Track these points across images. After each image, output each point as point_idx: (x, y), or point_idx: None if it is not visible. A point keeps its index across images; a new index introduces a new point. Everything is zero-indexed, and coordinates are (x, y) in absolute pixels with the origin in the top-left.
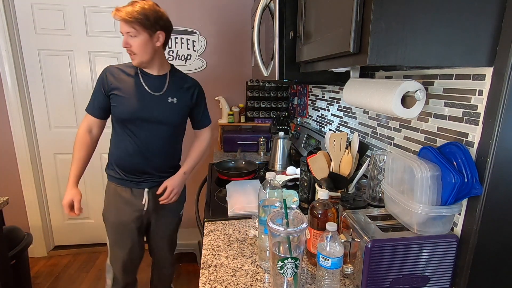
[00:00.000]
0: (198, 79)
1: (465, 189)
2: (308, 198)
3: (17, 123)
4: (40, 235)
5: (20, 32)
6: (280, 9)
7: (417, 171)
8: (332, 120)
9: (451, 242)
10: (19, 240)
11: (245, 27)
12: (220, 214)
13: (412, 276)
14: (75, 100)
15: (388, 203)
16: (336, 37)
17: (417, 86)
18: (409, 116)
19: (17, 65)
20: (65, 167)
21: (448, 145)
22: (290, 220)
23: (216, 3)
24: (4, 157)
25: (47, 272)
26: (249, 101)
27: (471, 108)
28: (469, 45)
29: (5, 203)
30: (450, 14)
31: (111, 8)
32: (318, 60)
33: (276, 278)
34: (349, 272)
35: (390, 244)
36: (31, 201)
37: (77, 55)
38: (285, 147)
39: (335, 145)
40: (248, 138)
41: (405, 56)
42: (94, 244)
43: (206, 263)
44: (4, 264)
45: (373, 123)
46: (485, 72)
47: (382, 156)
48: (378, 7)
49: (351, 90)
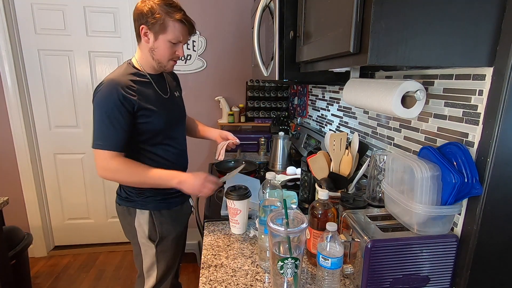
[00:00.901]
0: (198, 79)
1: (465, 189)
2: (308, 198)
3: (17, 123)
4: (40, 235)
5: (20, 32)
6: (280, 9)
7: (417, 171)
8: (332, 120)
9: (451, 242)
10: (19, 240)
11: (245, 27)
12: (220, 214)
13: (412, 276)
14: (75, 100)
15: (388, 203)
16: (336, 37)
17: (417, 86)
18: (409, 116)
19: (17, 65)
20: (65, 167)
21: (448, 145)
22: (290, 220)
23: (216, 3)
24: (4, 157)
25: (47, 272)
26: (249, 101)
27: (471, 108)
28: (469, 45)
29: (5, 203)
30: (450, 14)
31: (111, 8)
32: (318, 60)
33: (276, 278)
34: (349, 272)
35: (390, 244)
36: (31, 201)
37: (77, 55)
38: (285, 147)
39: (335, 145)
40: (248, 138)
41: (405, 56)
42: (94, 244)
43: (206, 263)
44: (4, 264)
45: (373, 123)
46: (485, 72)
47: (382, 156)
48: (378, 7)
49: (351, 90)
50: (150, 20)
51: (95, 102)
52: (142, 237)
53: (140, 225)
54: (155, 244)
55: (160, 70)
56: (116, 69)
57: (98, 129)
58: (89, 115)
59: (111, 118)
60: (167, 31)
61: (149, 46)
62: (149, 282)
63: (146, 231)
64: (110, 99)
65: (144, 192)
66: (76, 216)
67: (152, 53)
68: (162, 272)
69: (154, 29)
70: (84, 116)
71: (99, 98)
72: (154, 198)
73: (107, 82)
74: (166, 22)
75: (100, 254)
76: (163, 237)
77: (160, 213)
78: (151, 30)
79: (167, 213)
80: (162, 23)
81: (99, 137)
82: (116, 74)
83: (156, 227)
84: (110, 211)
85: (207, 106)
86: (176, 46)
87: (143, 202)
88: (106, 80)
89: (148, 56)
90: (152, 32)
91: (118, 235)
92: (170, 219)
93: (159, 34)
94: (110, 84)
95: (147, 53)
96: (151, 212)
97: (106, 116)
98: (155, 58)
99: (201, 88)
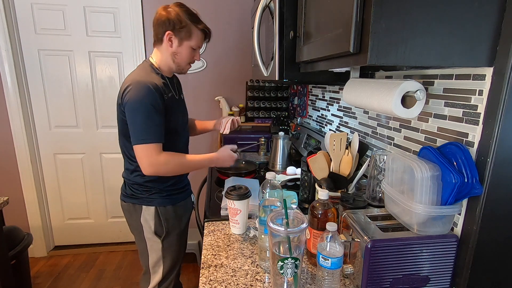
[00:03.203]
0: (198, 79)
1: (465, 189)
2: (308, 198)
3: (17, 123)
4: (40, 235)
5: (20, 32)
6: (280, 9)
7: (417, 171)
8: (332, 120)
9: (451, 242)
10: (19, 240)
11: (245, 27)
12: (220, 214)
13: (412, 276)
14: (75, 100)
15: (388, 203)
16: (336, 37)
17: (417, 86)
18: (409, 116)
19: (17, 65)
20: (65, 167)
21: (448, 145)
22: (290, 220)
23: (216, 3)
24: (4, 157)
25: (47, 272)
26: (249, 101)
27: (471, 108)
28: (469, 45)
29: (5, 203)
30: (450, 14)
31: (111, 8)
32: (318, 60)
33: (276, 278)
34: (349, 272)
35: (390, 244)
36: (31, 201)
37: (77, 55)
38: (285, 147)
39: (335, 145)
40: (248, 138)
41: (405, 56)
42: (94, 244)
43: (206, 263)
44: (4, 264)
45: (373, 123)
46: (485, 72)
47: (382, 156)
48: (378, 7)
49: (351, 90)
50: (177, 27)
51: (131, 103)
52: (149, 232)
53: (146, 221)
54: (161, 239)
55: (177, 72)
56: (139, 70)
57: (140, 126)
58: (89, 115)
59: (150, 115)
60: (191, 38)
61: (172, 50)
62: (155, 278)
63: (152, 227)
64: (146, 99)
65: (150, 189)
66: (76, 216)
67: (174, 56)
68: (168, 267)
69: (180, 35)
70: (84, 116)
71: (134, 99)
72: (160, 195)
73: (139, 83)
74: (191, 30)
75: (100, 254)
76: (169, 232)
77: (166, 209)
78: (176, 36)
79: (172, 209)
80: (188, 30)
81: (142, 133)
82: (144, 75)
83: (163, 222)
84: (110, 211)
85: (207, 106)
86: (195, 52)
87: (149, 198)
88: (135, 81)
89: (169, 59)
90: (178, 38)
91: (118, 235)
92: (175, 214)
93: (184, 40)
94: (143, 84)
95: (168, 56)
96: (156, 208)
97: (146, 114)
98: (176, 61)
99: (201, 88)
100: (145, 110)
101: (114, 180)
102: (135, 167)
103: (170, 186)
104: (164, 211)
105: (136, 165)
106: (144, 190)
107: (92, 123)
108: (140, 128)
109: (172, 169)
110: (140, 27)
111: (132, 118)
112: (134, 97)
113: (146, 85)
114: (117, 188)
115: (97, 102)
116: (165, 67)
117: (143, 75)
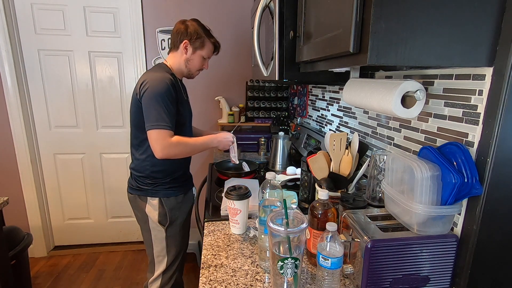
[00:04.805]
0: (198, 79)
1: (465, 189)
2: (308, 198)
3: (17, 123)
4: (40, 235)
5: (20, 32)
6: (280, 9)
7: (417, 171)
8: (332, 120)
9: (451, 242)
10: (19, 240)
11: (245, 27)
12: (220, 214)
13: (412, 276)
14: (75, 100)
15: (388, 203)
16: (336, 37)
17: (417, 86)
18: (409, 116)
19: (17, 65)
20: (65, 167)
21: (448, 145)
22: (290, 220)
23: (216, 3)
24: (4, 157)
25: (47, 272)
26: (249, 101)
27: (471, 108)
28: (469, 45)
29: (5, 203)
30: (450, 14)
31: (111, 8)
32: (318, 60)
33: (276, 278)
34: (349, 272)
35: (390, 244)
36: (31, 201)
37: (77, 55)
38: (285, 147)
39: (335, 145)
40: (248, 138)
41: (405, 56)
42: (94, 244)
43: (206, 263)
44: (4, 264)
45: (373, 123)
46: (485, 72)
47: (382, 156)
48: (378, 7)
49: (351, 90)
50: (193, 38)
51: (149, 93)
52: (153, 221)
53: (151, 211)
54: (165, 228)
55: (187, 76)
56: (156, 68)
57: (157, 114)
58: (89, 115)
59: (166, 105)
60: (204, 48)
61: (186, 57)
62: (159, 267)
63: (156, 216)
64: (163, 90)
65: (154, 182)
66: (76, 216)
67: (187, 62)
68: (172, 256)
69: (195, 45)
70: (84, 116)
71: (152, 90)
72: (163, 187)
73: (157, 77)
74: (205, 42)
75: (100, 254)
76: (172, 221)
77: (169, 200)
78: (191, 45)
79: (175, 200)
80: (202, 41)
81: (158, 120)
82: (162, 73)
83: (166, 211)
84: (110, 211)
85: (207, 106)
86: (205, 61)
87: (153, 190)
88: (153, 75)
89: (182, 64)
90: (192, 47)
91: (118, 235)
92: (177, 205)
93: (197, 49)
94: (160, 78)
95: (182, 61)
96: (160, 199)
97: (162, 104)
98: (188, 67)
99: (201, 88)
100: (161, 100)
101: (114, 180)
102: (146, 157)
103: (173, 179)
104: (167, 202)
105: (145, 155)
106: (149, 183)
107: (92, 123)
108: (156, 114)
109: (181, 151)
110: (140, 27)
111: (148, 106)
112: (152, 88)
113: (163, 79)
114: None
115: (97, 102)
116: (178, 70)
117: (159, 72)
